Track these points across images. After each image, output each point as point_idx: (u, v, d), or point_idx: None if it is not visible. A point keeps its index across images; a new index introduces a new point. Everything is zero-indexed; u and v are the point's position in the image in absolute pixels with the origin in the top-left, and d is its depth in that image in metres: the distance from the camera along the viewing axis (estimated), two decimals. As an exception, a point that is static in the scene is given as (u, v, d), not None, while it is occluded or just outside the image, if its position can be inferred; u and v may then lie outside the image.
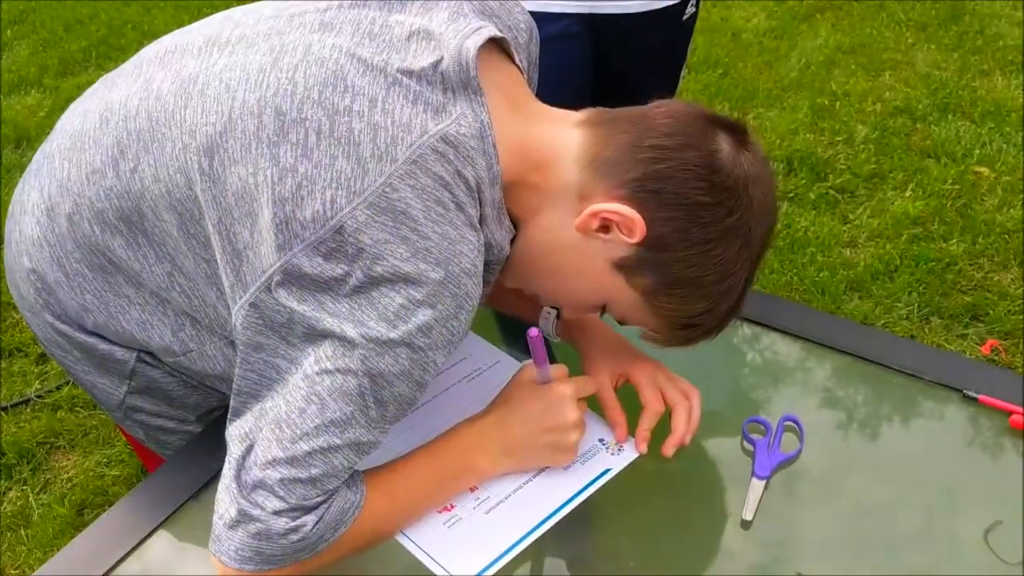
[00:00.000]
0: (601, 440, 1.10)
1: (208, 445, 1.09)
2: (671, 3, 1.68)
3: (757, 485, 1.04)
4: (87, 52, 3.73)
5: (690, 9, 1.75)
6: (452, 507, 1.02)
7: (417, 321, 0.86)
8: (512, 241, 0.99)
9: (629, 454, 1.09)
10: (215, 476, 1.05)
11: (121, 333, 1.06)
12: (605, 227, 0.94)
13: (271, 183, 0.86)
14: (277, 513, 0.87)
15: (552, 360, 1.04)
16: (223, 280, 0.93)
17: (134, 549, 1.00)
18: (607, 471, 1.06)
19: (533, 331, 0.99)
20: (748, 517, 1.01)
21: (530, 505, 1.02)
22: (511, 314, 1.26)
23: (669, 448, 1.07)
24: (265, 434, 0.88)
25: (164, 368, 1.09)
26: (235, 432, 0.91)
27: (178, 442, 1.17)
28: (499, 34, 0.96)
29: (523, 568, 0.98)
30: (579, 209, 0.94)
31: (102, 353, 1.08)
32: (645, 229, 0.91)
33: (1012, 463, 1.07)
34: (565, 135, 0.97)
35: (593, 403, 1.11)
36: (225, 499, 0.89)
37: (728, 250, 0.93)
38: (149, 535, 1.01)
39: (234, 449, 0.90)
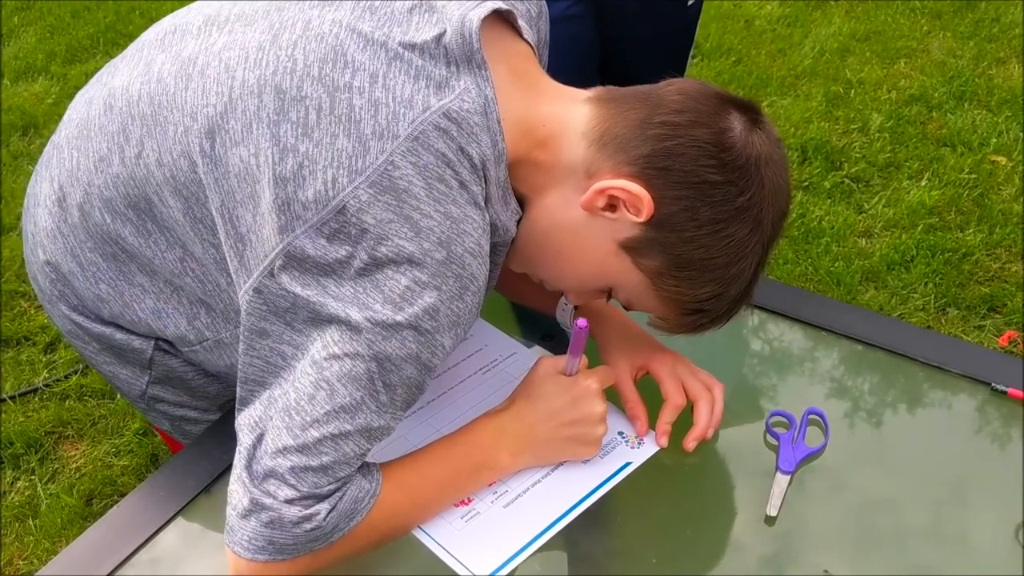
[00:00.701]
0: (621, 433, 1.08)
1: (219, 437, 1.08)
2: None
3: (782, 480, 1.02)
4: (94, 38, 3.71)
5: None
6: (470, 501, 1.00)
7: (423, 303, 0.84)
8: (518, 223, 0.97)
9: (650, 448, 1.06)
10: (226, 468, 1.03)
11: (137, 323, 1.04)
12: (612, 205, 0.91)
13: (272, 164, 0.84)
14: (289, 502, 0.86)
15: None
16: (228, 265, 0.91)
17: (146, 543, 0.98)
18: (627, 464, 1.04)
19: (582, 321, 0.97)
20: (772, 513, 0.99)
21: (549, 499, 1.00)
22: (527, 305, 1.23)
23: (691, 442, 1.05)
24: (275, 422, 0.87)
25: (182, 357, 1.08)
26: (244, 421, 0.89)
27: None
28: (503, 7, 0.94)
29: (542, 563, 0.95)
30: (585, 186, 0.92)
31: (119, 343, 1.07)
32: (653, 207, 0.89)
33: (1042, 458, 1.05)
34: (573, 111, 0.94)
35: (612, 396, 1.09)
36: (237, 489, 0.88)
37: (738, 232, 0.90)
38: (161, 528, 1.00)
39: (244, 439, 0.88)
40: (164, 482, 1.05)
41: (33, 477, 2.01)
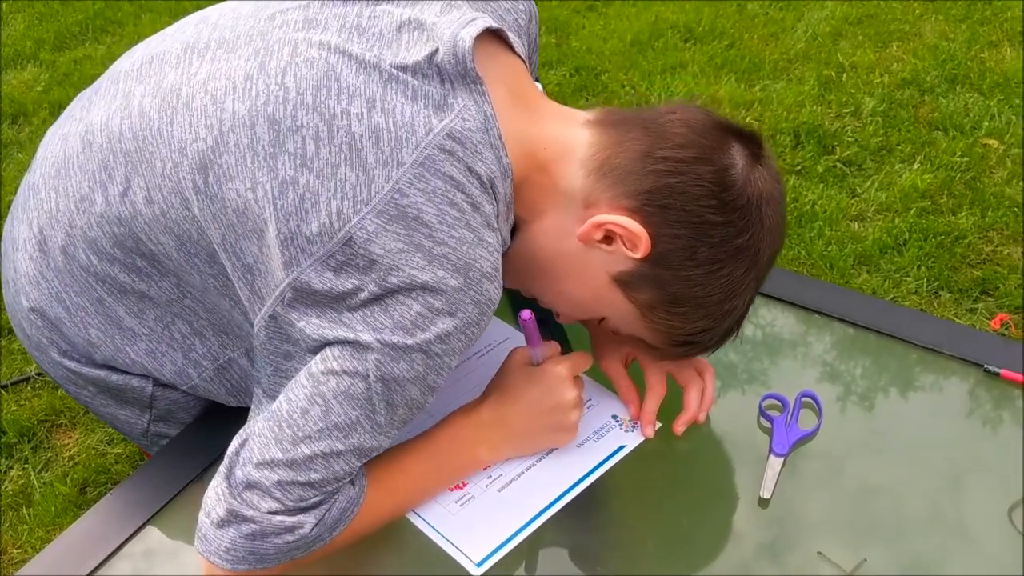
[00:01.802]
0: (615, 417, 1.08)
1: (213, 424, 1.08)
2: None
3: (775, 463, 1.02)
4: (83, 25, 3.68)
5: None
6: (464, 485, 1.00)
7: (436, 330, 0.82)
8: (512, 234, 0.96)
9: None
10: (219, 457, 1.03)
11: (131, 365, 1.02)
12: (608, 238, 0.90)
13: (272, 198, 0.82)
14: (272, 513, 0.84)
15: (564, 342, 1.01)
16: (239, 293, 0.89)
17: (140, 530, 0.98)
18: (621, 448, 1.04)
19: (525, 313, 0.96)
20: (766, 495, 0.99)
21: (544, 483, 1.00)
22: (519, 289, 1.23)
23: (679, 425, 1.05)
24: (261, 430, 0.85)
25: (181, 389, 1.05)
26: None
27: None
28: (495, 25, 0.92)
29: (537, 550, 0.96)
30: (583, 216, 0.91)
31: (116, 384, 1.04)
32: (650, 244, 0.88)
33: (1034, 439, 1.05)
34: (573, 135, 0.93)
35: (606, 381, 1.09)
36: (212, 496, 0.86)
37: (735, 271, 0.90)
38: (154, 516, 1.00)
39: (230, 445, 0.87)
40: (158, 470, 1.05)
41: (27, 466, 2.00)
